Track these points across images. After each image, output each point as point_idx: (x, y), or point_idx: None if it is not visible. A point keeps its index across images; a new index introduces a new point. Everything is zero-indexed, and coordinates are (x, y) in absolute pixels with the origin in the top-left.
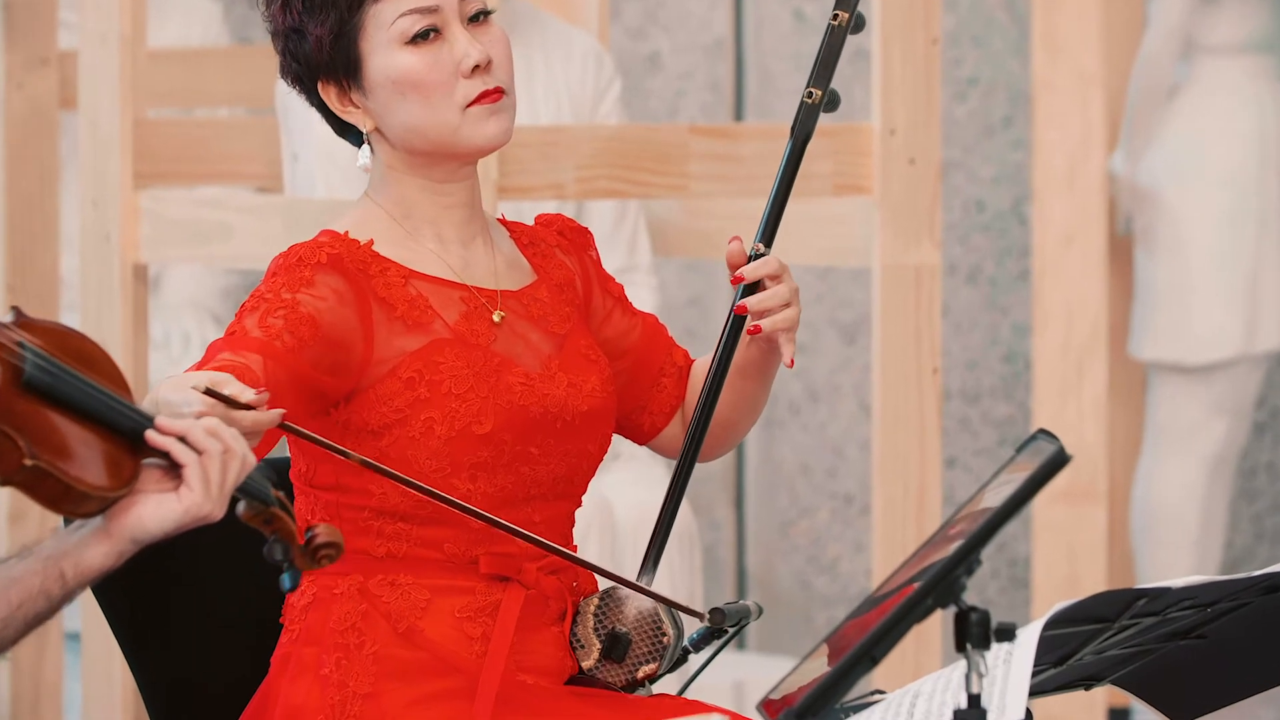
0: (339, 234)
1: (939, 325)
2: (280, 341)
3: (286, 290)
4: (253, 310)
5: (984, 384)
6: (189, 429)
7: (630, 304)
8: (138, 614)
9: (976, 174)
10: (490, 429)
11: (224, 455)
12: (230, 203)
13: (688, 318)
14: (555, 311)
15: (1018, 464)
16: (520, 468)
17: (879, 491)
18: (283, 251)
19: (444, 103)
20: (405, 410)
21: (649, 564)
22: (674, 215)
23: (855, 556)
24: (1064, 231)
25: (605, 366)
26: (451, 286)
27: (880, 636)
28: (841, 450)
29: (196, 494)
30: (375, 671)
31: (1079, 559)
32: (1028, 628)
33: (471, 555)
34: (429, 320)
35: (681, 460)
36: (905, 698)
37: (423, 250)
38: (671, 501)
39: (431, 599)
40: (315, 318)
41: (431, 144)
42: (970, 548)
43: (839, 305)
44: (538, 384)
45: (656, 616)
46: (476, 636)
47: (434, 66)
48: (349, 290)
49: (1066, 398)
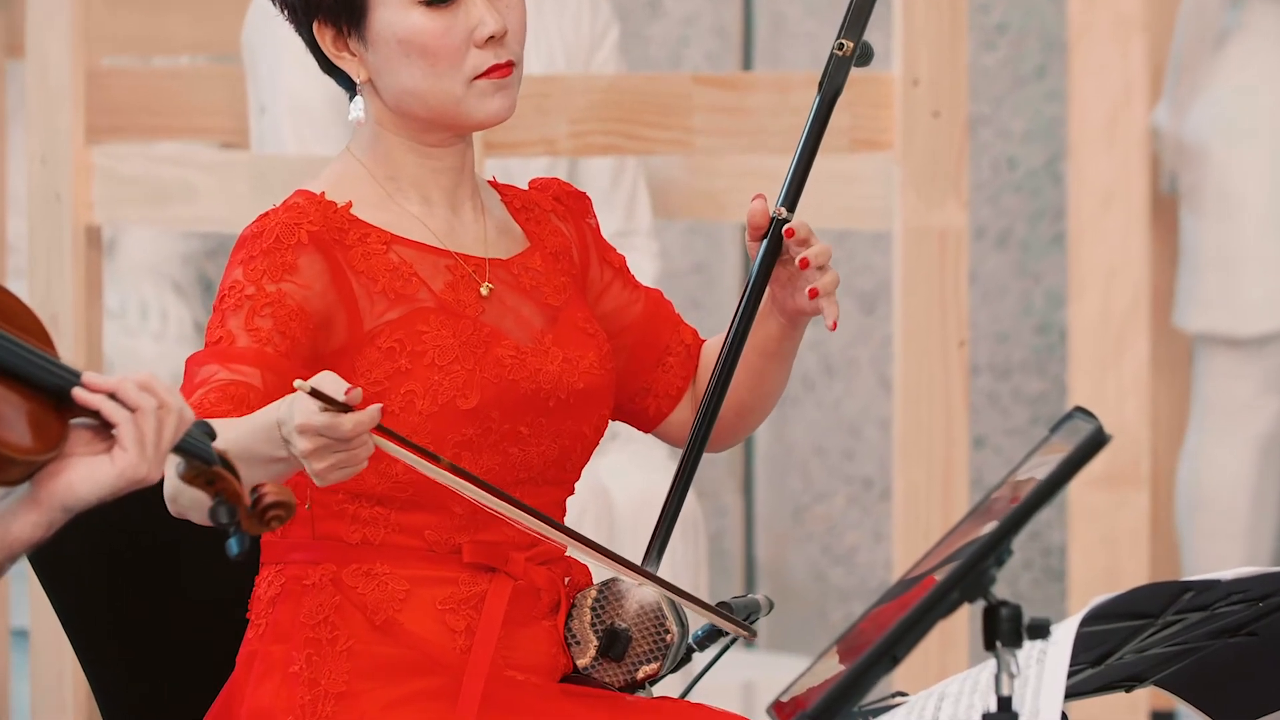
0: (314, 195)
1: (966, 293)
2: (273, 346)
3: (269, 279)
4: (236, 310)
5: (1015, 357)
6: (120, 384)
7: (632, 276)
8: (89, 608)
9: (1007, 128)
10: (476, 404)
11: (159, 411)
12: (192, 160)
13: (692, 286)
14: (549, 282)
15: (1052, 445)
16: (508, 448)
17: (900, 475)
18: (253, 224)
19: (450, 72)
20: (384, 382)
21: (653, 555)
22: (676, 174)
23: (874, 546)
24: (1102, 191)
25: (603, 341)
26: (436, 253)
27: (902, 633)
28: (859, 430)
29: (131, 455)
30: (349, 669)
31: (1119, 549)
32: (1063, 624)
33: (454, 543)
34: (413, 289)
35: (691, 440)
36: (929, 700)
37: (405, 214)
38: (679, 486)
39: (411, 590)
40: (304, 308)
41: (429, 111)
42: (1000, 536)
43: (857, 271)
44: (529, 358)
45: (659, 612)
46: (460, 630)
47: (446, 32)
48: (328, 268)
49: (1105, 372)
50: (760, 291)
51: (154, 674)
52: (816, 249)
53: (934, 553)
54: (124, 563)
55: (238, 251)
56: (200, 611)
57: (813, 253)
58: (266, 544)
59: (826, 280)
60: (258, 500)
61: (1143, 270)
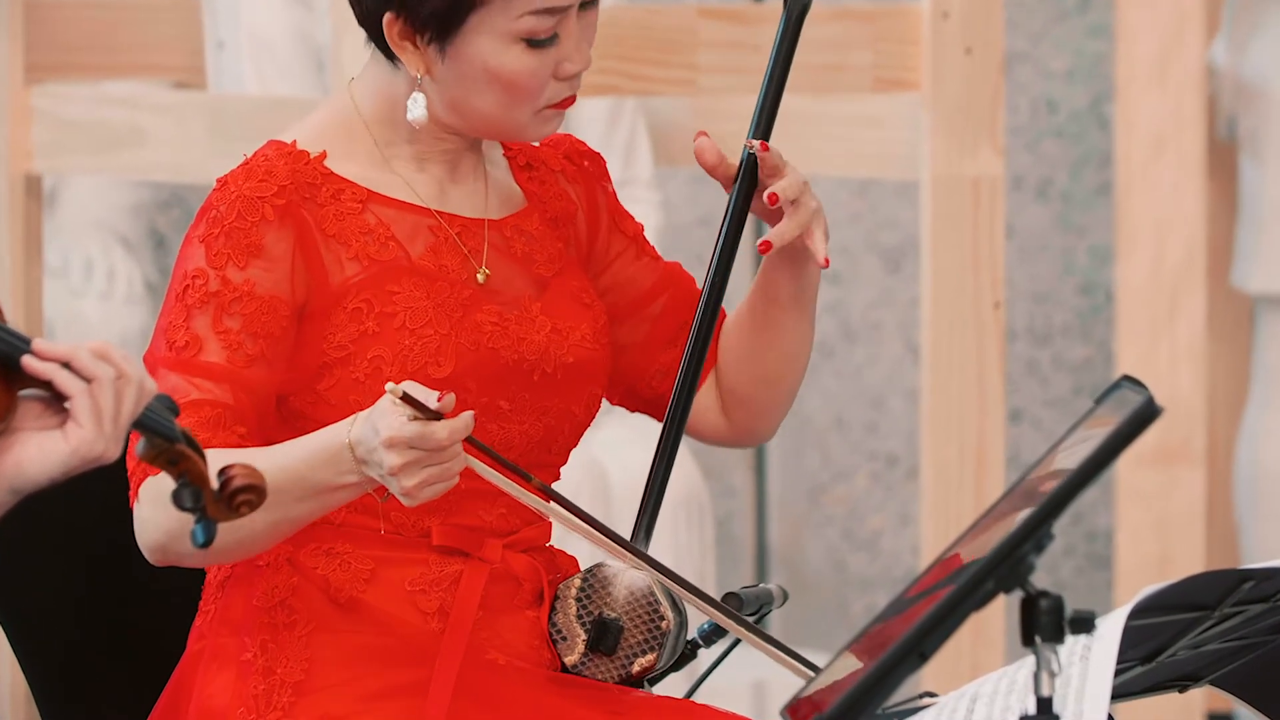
0: (284, 146)
1: (1002, 250)
2: (243, 353)
3: (234, 266)
4: (201, 307)
5: (1056, 321)
6: (74, 352)
7: (649, 247)
8: (23, 595)
9: (1047, 67)
10: (450, 372)
11: (118, 382)
12: (143, 101)
13: (697, 241)
14: (544, 249)
15: (1097, 418)
16: (486, 425)
17: (929, 451)
18: (214, 193)
19: (526, 105)
20: (349, 346)
21: (640, 532)
22: (680, 116)
23: (900, 530)
24: (1153, 136)
25: (600, 314)
26: (419, 212)
27: (930, 628)
28: (883, 401)
29: (86, 430)
30: (309, 657)
31: (1171, 533)
32: (1110, 617)
33: (423, 526)
34: (389, 254)
35: (672, 406)
36: (960, 702)
37: (391, 172)
38: (665, 450)
39: (376, 570)
40: (275, 297)
41: (485, 129)
42: (1040, 520)
43: (881, 226)
44: (513, 325)
45: (652, 597)
46: (432, 611)
47: (537, 72)
48: (296, 240)
49: (1156, 337)
50: (736, 233)
51: (96, 666)
52: (787, 182)
53: (966, 538)
54: (64, 540)
55: (197, 225)
56: (147, 596)
57: (782, 186)
58: None
59: (785, 185)
60: (225, 483)
61: (1198, 224)
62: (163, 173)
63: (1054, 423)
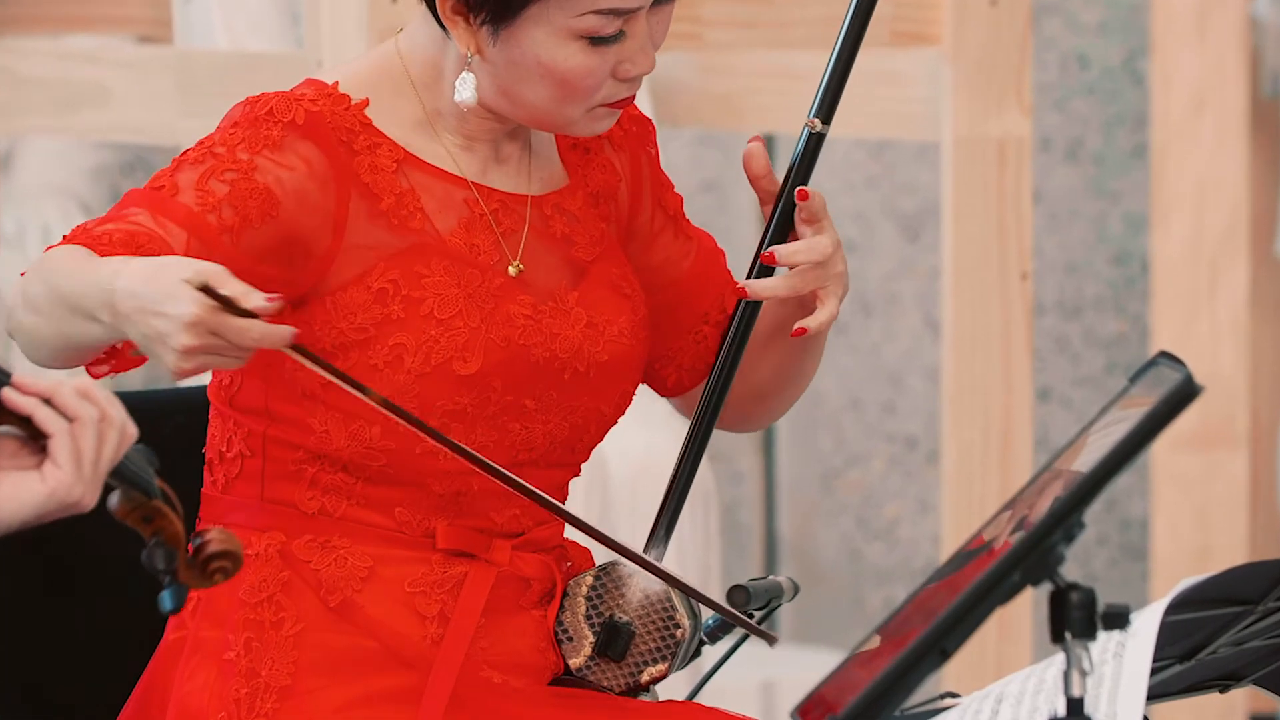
0: (324, 86)
1: (1030, 217)
2: (216, 216)
3: (244, 149)
4: (195, 164)
5: (1087, 293)
6: (56, 389)
7: (687, 223)
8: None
9: (1078, 19)
10: (476, 369)
11: (100, 424)
12: (106, 56)
13: (702, 206)
14: (585, 231)
15: (1132, 397)
16: (509, 424)
17: (950, 433)
18: (249, 97)
19: (579, 103)
20: (370, 329)
21: (659, 534)
22: (684, 72)
23: (919, 518)
24: (1192, 94)
25: (640, 305)
26: (454, 183)
27: (952, 623)
28: (901, 379)
29: (66, 472)
30: (296, 659)
31: (1211, 521)
32: (1145, 611)
33: (428, 526)
34: (414, 224)
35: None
36: (984, 703)
37: (434, 139)
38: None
39: (375, 568)
40: (272, 192)
41: (531, 121)
42: (1070, 507)
43: (898, 190)
44: (546, 319)
45: (668, 602)
46: (432, 616)
47: (595, 71)
48: (326, 165)
49: (1196, 311)
50: (786, 222)
51: (58, 665)
52: (806, 244)
53: (990, 526)
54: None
55: (221, 125)
56: (117, 582)
57: (799, 248)
58: (204, 499)
59: (810, 245)
60: (201, 547)
61: (1240, 189)
62: (126, 133)
63: (1085, 403)
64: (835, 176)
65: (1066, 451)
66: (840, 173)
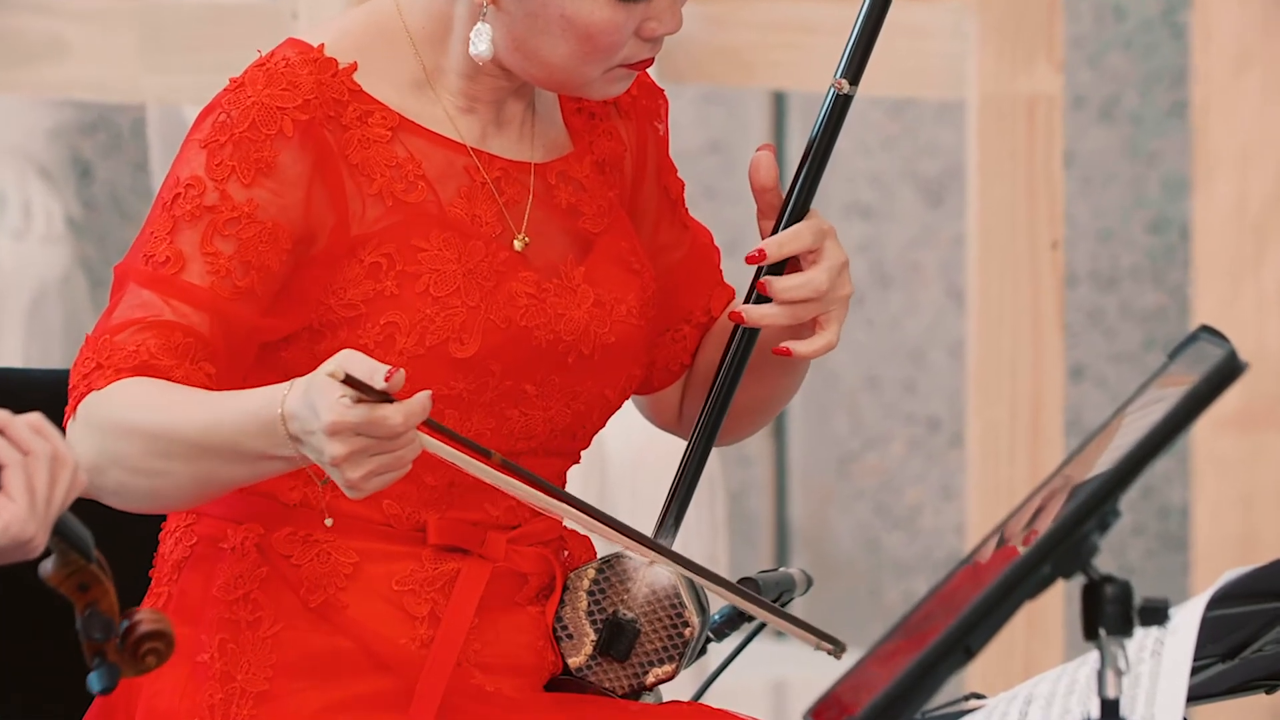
0: (308, 49)
1: (1061, 180)
2: (230, 282)
3: (238, 181)
4: (192, 221)
5: (1123, 263)
6: (10, 421)
7: (685, 211)
8: None
9: None
10: (474, 352)
11: (53, 462)
12: (64, 8)
13: (707, 170)
14: (592, 200)
15: (1171, 375)
16: (507, 410)
17: (975, 414)
18: (225, 93)
19: (599, 61)
20: (361, 306)
21: (669, 523)
22: (690, 25)
23: (942, 505)
24: (1237, 49)
25: (649, 282)
26: (454, 149)
27: (977, 619)
28: (923, 355)
29: (19, 506)
30: (274, 662)
31: (1256, 509)
32: (1186, 606)
33: (419, 519)
34: (416, 195)
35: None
36: (1012, 705)
37: (433, 103)
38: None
39: (360, 564)
40: (279, 225)
41: (545, 79)
42: (1105, 493)
43: (920, 152)
44: (551, 298)
45: (676, 598)
46: (422, 616)
47: (622, 26)
48: (317, 164)
49: (1240, 282)
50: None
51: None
52: (803, 279)
53: (1019, 514)
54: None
55: (199, 127)
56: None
57: (778, 286)
58: None
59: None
60: (131, 628)
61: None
62: (87, 90)
63: (1121, 381)
64: (849, 136)
65: (1100, 434)
66: (855, 133)
